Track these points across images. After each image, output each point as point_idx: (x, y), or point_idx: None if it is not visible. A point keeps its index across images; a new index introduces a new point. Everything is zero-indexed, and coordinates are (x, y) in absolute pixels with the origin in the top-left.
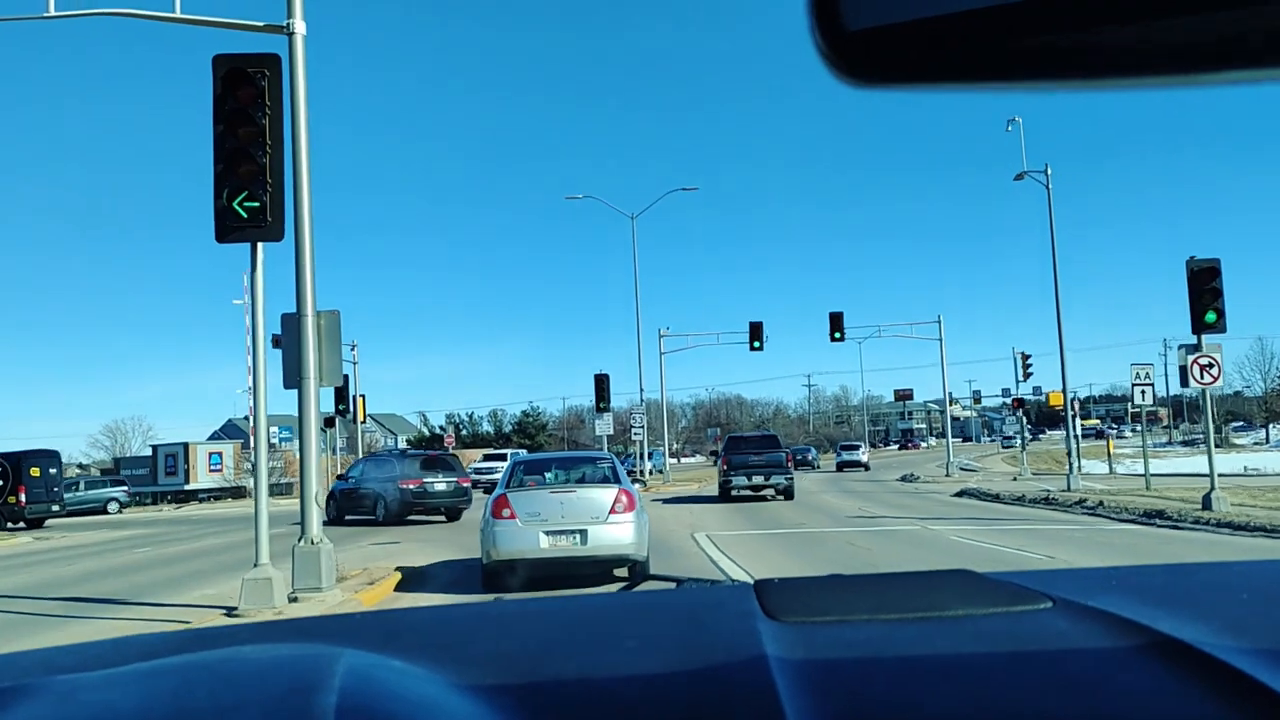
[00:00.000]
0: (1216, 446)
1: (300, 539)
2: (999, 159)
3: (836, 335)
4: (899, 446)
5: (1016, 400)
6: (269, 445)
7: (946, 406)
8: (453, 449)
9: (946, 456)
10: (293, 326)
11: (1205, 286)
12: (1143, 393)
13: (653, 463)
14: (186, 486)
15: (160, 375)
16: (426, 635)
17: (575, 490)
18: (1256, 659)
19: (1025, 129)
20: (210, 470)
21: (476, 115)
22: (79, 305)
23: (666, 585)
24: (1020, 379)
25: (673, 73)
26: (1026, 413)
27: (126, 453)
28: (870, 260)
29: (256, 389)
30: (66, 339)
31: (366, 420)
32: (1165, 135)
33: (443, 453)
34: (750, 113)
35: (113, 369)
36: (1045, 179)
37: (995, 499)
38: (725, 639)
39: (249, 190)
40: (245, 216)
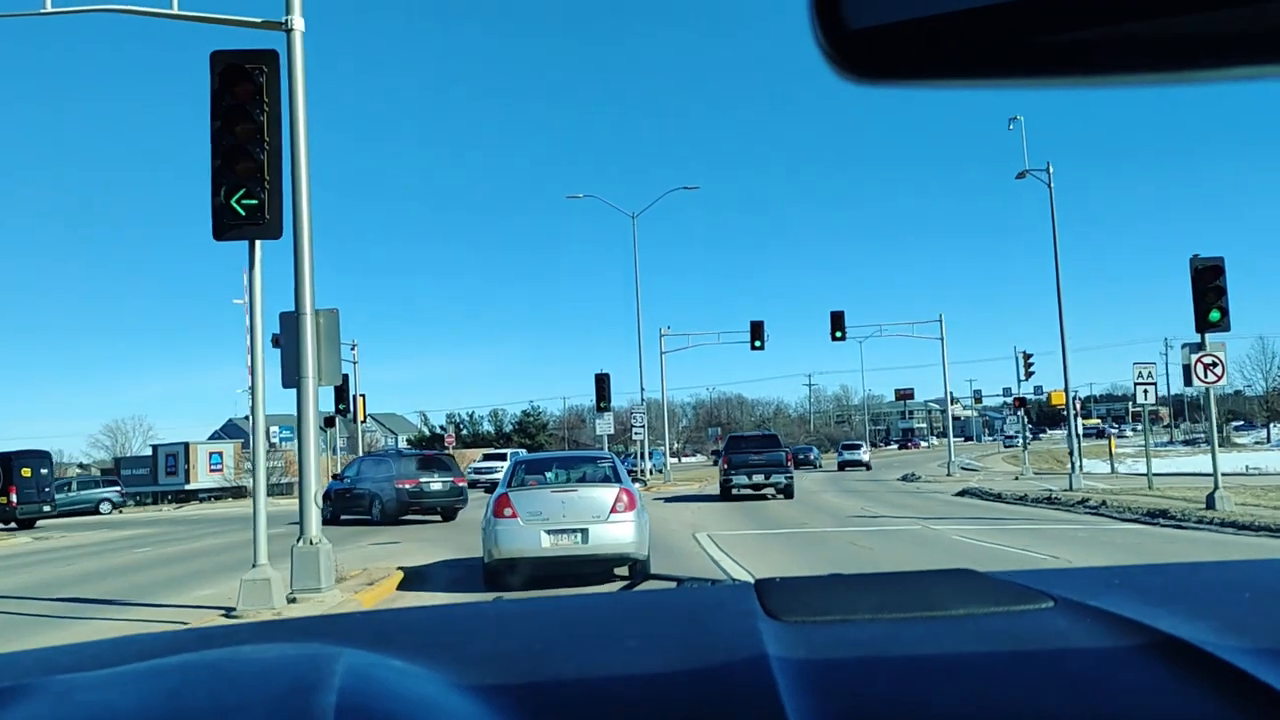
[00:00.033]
0: (1218, 446)
1: (299, 539)
2: (1001, 157)
3: (838, 334)
4: (899, 446)
5: (1018, 399)
6: (270, 445)
7: (948, 406)
8: (453, 449)
9: (948, 456)
10: (291, 325)
11: (1209, 285)
12: (1145, 392)
13: (653, 462)
14: (187, 486)
15: (161, 375)
16: (426, 635)
17: (576, 489)
18: (1258, 658)
19: (1027, 127)
20: (211, 470)
21: (478, 121)
22: (79, 305)
23: (667, 585)
24: (1022, 378)
25: (673, 76)
26: (1028, 412)
27: (127, 453)
28: (871, 259)
29: (255, 388)
30: (66, 339)
31: (367, 420)
32: (1166, 134)
33: (438, 452)
34: (750, 112)
35: (113, 369)
36: (1047, 177)
37: (997, 498)
38: (726, 639)
39: (246, 188)
40: (243, 214)
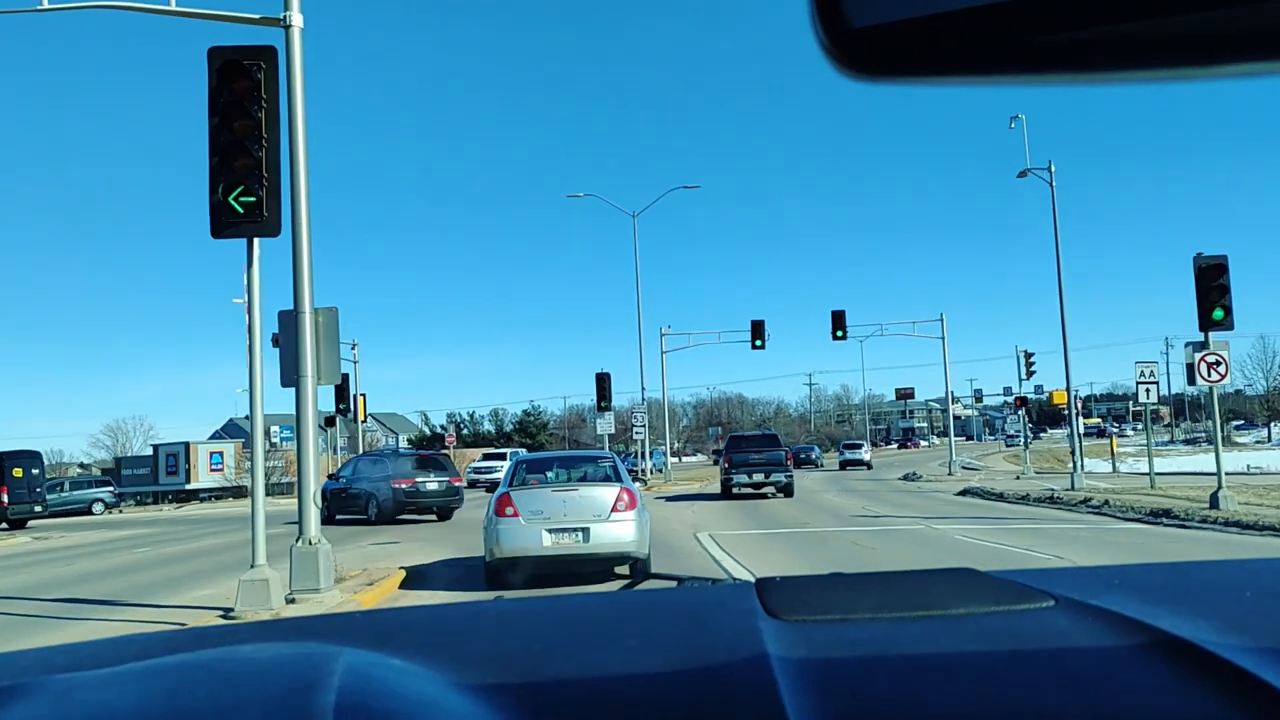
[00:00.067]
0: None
1: (298, 539)
2: (1002, 155)
3: (839, 334)
4: (900, 445)
5: (1019, 399)
6: (270, 444)
7: (949, 405)
8: (454, 448)
9: (949, 455)
10: (290, 324)
11: (1213, 283)
12: (1147, 391)
13: (654, 461)
14: (188, 486)
15: (161, 374)
16: (425, 634)
17: (577, 488)
18: (1259, 657)
19: (1029, 125)
20: (211, 470)
21: (476, 115)
22: (78, 305)
23: (668, 584)
24: (1023, 377)
25: (673, 71)
26: (1029, 411)
27: (128, 452)
28: (872, 258)
29: (253, 387)
30: (66, 339)
31: (367, 419)
32: (1166, 131)
33: (434, 452)
34: (751, 110)
35: (113, 368)
36: (1049, 175)
37: (999, 498)
38: (727, 638)
39: (245, 185)
40: (241, 211)
